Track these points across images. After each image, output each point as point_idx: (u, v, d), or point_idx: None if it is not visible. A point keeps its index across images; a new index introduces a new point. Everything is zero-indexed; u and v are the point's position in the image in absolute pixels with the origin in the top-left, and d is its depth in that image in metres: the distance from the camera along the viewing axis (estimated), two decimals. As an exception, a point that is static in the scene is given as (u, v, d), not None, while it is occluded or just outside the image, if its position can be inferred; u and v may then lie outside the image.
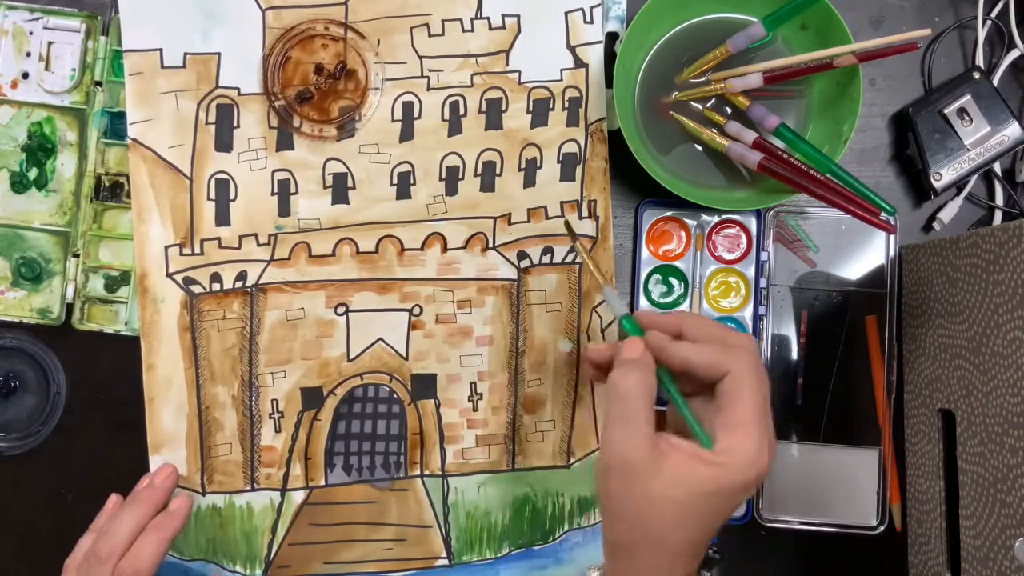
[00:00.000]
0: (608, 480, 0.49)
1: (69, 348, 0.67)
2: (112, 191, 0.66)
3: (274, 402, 0.66)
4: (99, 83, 0.66)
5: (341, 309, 0.66)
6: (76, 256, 0.66)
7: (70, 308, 0.66)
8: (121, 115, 0.66)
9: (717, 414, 0.49)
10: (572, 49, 0.66)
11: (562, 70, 0.66)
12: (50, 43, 0.65)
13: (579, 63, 0.66)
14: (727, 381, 0.49)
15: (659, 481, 0.47)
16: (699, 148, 0.66)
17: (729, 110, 0.65)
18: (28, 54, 0.66)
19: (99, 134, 0.66)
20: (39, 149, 0.66)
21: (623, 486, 0.48)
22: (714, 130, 0.64)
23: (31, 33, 0.66)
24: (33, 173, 0.66)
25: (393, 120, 0.66)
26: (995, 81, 0.66)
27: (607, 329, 0.67)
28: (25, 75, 0.66)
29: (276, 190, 0.66)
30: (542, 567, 0.67)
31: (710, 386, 0.50)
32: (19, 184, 0.66)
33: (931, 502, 0.63)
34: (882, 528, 0.66)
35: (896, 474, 0.67)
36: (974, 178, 0.67)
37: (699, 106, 0.65)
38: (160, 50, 0.65)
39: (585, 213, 0.66)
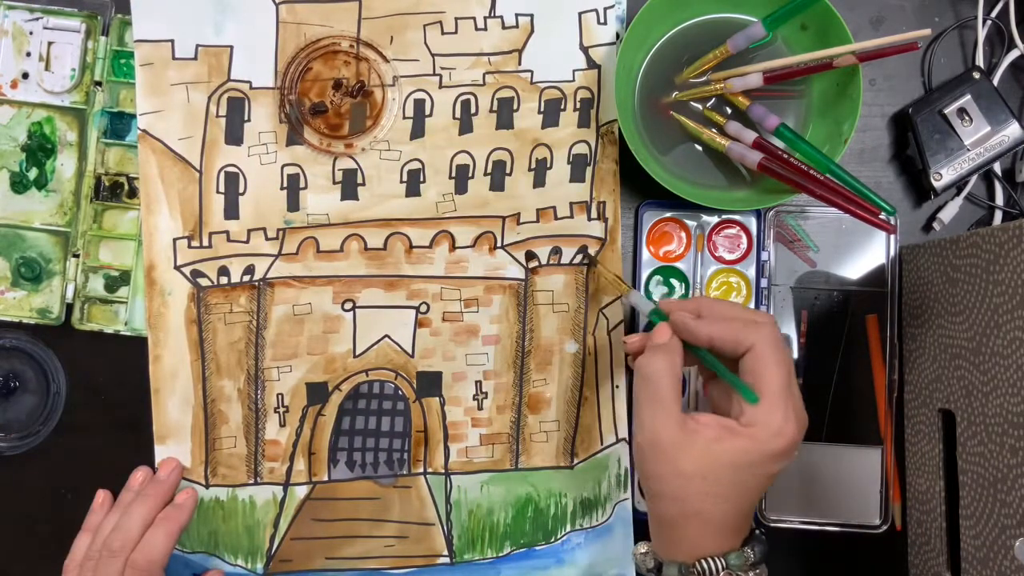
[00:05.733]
0: (644, 460, 0.52)
1: (69, 348, 0.67)
2: (112, 191, 0.66)
3: (279, 396, 0.66)
4: (99, 83, 0.66)
5: (348, 305, 0.66)
6: (76, 256, 0.66)
7: (70, 308, 0.66)
8: (121, 115, 0.66)
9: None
10: (585, 50, 0.66)
11: (574, 71, 0.66)
12: (50, 43, 0.65)
13: (592, 64, 0.66)
14: (750, 356, 0.51)
15: (690, 458, 0.50)
16: (699, 148, 0.66)
17: (729, 110, 0.65)
18: (28, 54, 0.66)
19: (99, 134, 0.66)
20: (39, 149, 0.66)
21: (657, 465, 0.51)
22: (714, 130, 0.64)
23: (31, 33, 0.65)
24: (33, 173, 0.66)
25: (404, 117, 0.66)
26: (995, 81, 0.67)
27: (613, 331, 0.67)
28: (25, 75, 0.66)
29: (285, 184, 0.66)
30: (543, 567, 0.67)
31: (734, 363, 0.52)
32: (19, 184, 0.66)
33: (931, 502, 0.63)
34: (885, 527, 0.66)
35: (897, 474, 0.67)
36: (974, 178, 0.67)
37: (699, 106, 0.65)
38: (172, 41, 0.65)
39: (594, 215, 0.66)
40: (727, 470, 0.50)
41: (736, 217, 0.67)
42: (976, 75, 0.66)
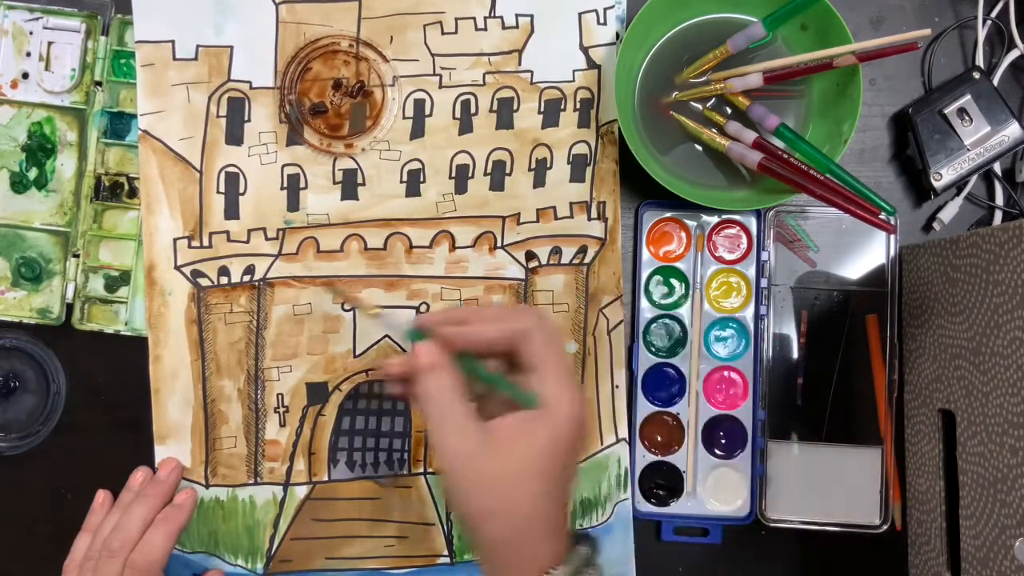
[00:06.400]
0: (455, 479, 0.49)
1: (69, 348, 0.67)
2: (112, 191, 0.66)
3: (279, 396, 0.66)
4: (99, 83, 0.66)
5: (348, 305, 0.66)
6: (76, 256, 0.66)
7: (70, 308, 0.66)
8: (121, 115, 0.66)
9: (528, 376, 0.50)
10: (585, 50, 0.66)
11: (574, 71, 0.66)
12: (50, 43, 0.65)
13: (592, 64, 0.66)
14: (524, 343, 0.50)
15: (498, 460, 0.48)
16: (699, 148, 0.66)
17: (729, 110, 0.65)
18: (28, 54, 0.66)
19: (99, 134, 0.66)
20: (39, 149, 0.66)
21: (468, 478, 0.49)
22: (714, 130, 0.64)
23: (31, 33, 0.65)
24: (33, 173, 0.66)
25: (404, 117, 0.66)
26: (995, 81, 0.67)
27: (613, 331, 0.67)
28: (25, 75, 0.66)
29: (285, 184, 0.66)
30: (543, 567, 0.67)
31: (512, 365, 0.52)
32: (19, 184, 0.66)
33: (931, 502, 0.63)
34: (885, 527, 0.66)
35: (897, 473, 0.67)
36: (974, 178, 0.67)
37: (699, 106, 0.65)
38: (172, 42, 0.65)
39: (594, 215, 0.66)
40: (535, 460, 0.48)
41: (736, 217, 0.67)
42: (976, 75, 0.66)
